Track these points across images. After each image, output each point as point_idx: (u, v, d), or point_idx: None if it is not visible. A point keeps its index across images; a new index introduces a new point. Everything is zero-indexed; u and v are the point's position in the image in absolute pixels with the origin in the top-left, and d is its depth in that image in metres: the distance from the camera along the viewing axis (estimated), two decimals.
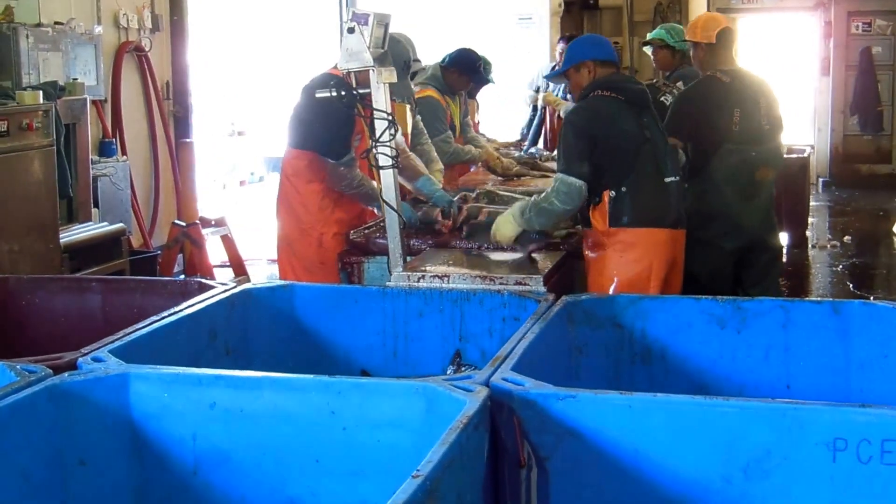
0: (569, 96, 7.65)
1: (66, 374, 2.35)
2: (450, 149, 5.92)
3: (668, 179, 3.90)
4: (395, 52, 4.16)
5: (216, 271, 7.27)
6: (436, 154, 5.50)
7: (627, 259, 3.79)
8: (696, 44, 5.03)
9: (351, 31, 3.56)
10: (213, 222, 7.46)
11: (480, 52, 6.35)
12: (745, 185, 4.81)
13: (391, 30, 3.93)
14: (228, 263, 7.62)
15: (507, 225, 3.92)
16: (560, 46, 8.03)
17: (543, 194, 3.88)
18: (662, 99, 5.59)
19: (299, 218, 4.53)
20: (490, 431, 2.20)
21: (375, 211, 4.48)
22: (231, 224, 7.63)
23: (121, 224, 6.15)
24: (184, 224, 7.19)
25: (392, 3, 7.68)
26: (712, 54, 4.99)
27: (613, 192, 3.78)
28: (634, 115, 3.88)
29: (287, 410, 2.29)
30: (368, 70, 3.68)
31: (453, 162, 5.93)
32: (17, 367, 2.34)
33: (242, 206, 9.89)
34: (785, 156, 5.55)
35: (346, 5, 10.20)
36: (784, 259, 6.87)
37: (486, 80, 6.44)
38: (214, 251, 7.49)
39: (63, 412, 2.29)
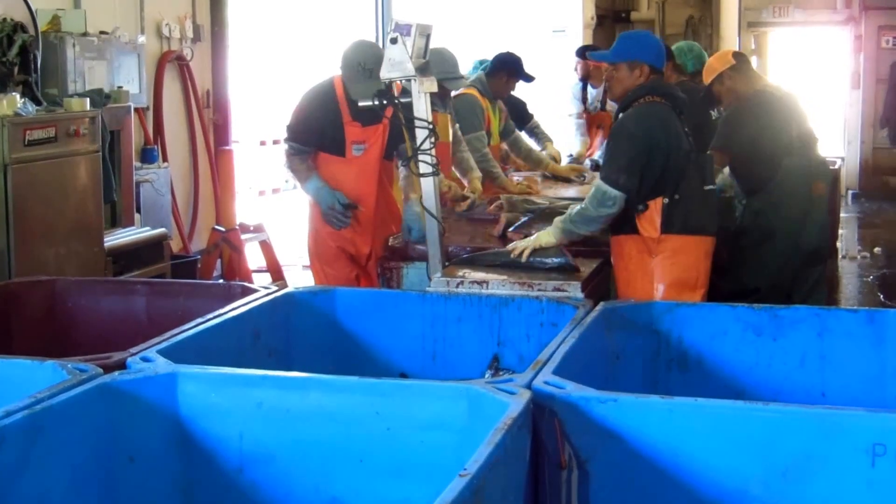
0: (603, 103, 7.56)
1: (116, 373, 2.40)
2: (483, 148, 5.75)
3: (707, 188, 3.91)
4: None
5: (254, 276, 7.36)
6: (474, 163, 5.52)
7: (678, 265, 3.77)
8: (719, 77, 4.95)
9: (394, 41, 3.61)
10: (251, 228, 7.56)
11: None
12: (807, 197, 4.78)
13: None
14: (266, 268, 7.71)
15: (545, 237, 3.92)
16: (577, 61, 7.84)
17: (583, 203, 3.84)
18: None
19: (311, 213, 4.82)
20: (531, 434, 2.23)
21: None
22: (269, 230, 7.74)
23: (163, 229, 6.23)
24: (224, 229, 7.28)
25: (427, 16, 7.73)
26: (741, 73, 4.93)
27: (667, 200, 3.74)
28: (680, 123, 3.89)
29: (332, 411, 2.33)
30: (410, 79, 3.73)
31: (483, 166, 5.70)
32: (69, 365, 2.39)
33: (277, 213, 10.00)
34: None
35: (383, 16, 10.27)
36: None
37: (531, 78, 6.39)
38: (251, 256, 7.58)
39: (113, 410, 2.33)
